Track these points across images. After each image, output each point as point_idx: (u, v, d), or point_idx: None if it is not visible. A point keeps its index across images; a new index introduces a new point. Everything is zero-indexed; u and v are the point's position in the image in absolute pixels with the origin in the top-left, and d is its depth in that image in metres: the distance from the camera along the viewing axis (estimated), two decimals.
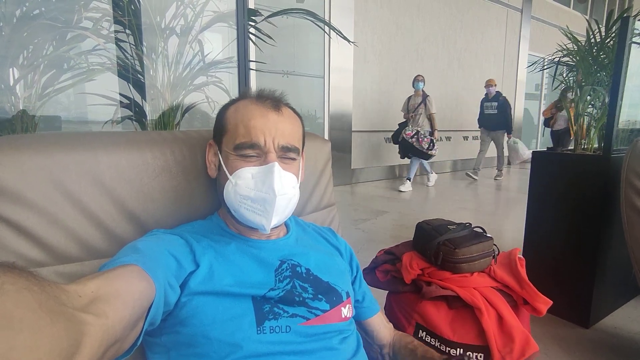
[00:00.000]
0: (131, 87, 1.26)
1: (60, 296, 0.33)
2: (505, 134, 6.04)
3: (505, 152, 6.18)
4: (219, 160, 0.68)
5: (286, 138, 0.66)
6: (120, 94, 1.31)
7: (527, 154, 5.79)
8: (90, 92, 1.44)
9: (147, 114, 1.30)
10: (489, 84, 6.00)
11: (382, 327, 0.82)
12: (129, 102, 1.26)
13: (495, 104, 5.94)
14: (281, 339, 0.59)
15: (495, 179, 6.24)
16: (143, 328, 0.49)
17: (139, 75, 1.26)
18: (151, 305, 0.49)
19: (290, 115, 0.70)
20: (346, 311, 0.68)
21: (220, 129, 0.69)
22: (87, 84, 1.47)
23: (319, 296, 0.65)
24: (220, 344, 0.56)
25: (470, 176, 6.20)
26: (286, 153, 0.66)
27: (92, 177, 0.67)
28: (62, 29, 1.21)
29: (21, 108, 1.16)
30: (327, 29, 1.54)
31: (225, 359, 0.55)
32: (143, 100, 1.27)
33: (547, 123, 5.97)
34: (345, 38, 1.51)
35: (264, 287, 0.61)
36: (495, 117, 5.96)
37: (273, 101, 0.68)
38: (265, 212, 0.63)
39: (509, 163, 6.76)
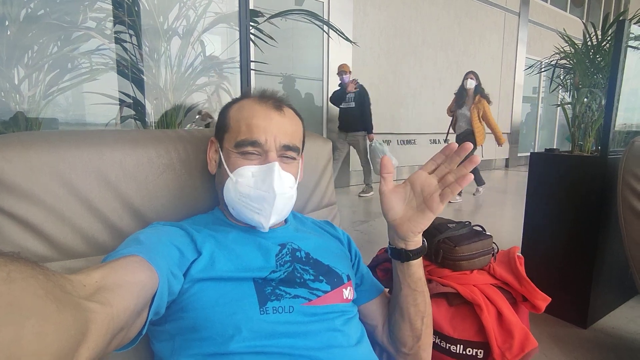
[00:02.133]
0: (133, 87, 1.28)
1: (65, 285, 0.33)
2: (366, 135, 4.60)
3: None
4: (220, 157, 0.69)
5: (287, 137, 0.68)
6: (122, 93, 1.32)
7: (395, 161, 4.57)
8: (92, 92, 1.44)
9: (149, 113, 1.31)
10: (342, 69, 4.51)
11: (380, 310, 0.78)
12: (131, 101, 1.28)
13: (352, 95, 4.52)
14: (285, 319, 0.59)
15: (359, 196, 4.73)
16: (148, 317, 0.49)
17: (141, 75, 1.27)
18: (155, 295, 0.50)
19: (292, 116, 0.71)
20: (347, 293, 0.69)
21: (223, 126, 0.70)
22: (88, 84, 1.48)
23: (320, 277, 0.66)
24: (222, 326, 0.56)
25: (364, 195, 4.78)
26: (286, 152, 0.68)
27: (98, 174, 0.68)
28: (66, 28, 1.22)
29: (25, 107, 1.17)
30: (327, 29, 1.56)
31: (229, 341, 0.55)
32: (145, 100, 1.29)
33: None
34: (345, 37, 1.53)
35: (265, 270, 0.62)
36: (354, 113, 4.53)
37: (275, 101, 0.70)
38: (263, 211, 0.64)
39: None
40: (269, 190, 0.63)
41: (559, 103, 2.41)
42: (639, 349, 1.58)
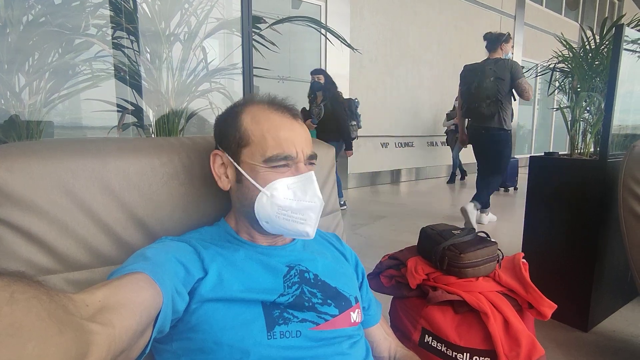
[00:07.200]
0: (135, 94, 1.27)
1: (68, 305, 0.34)
2: None
3: None
4: (238, 172, 0.66)
5: (310, 146, 0.68)
6: (125, 100, 1.31)
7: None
8: (91, 98, 1.43)
9: (151, 120, 1.30)
10: None
11: (382, 338, 0.82)
12: (133, 108, 1.27)
13: None
14: (292, 343, 0.59)
15: None
16: (151, 336, 0.49)
17: (141, 81, 1.26)
18: (159, 313, 0.49)
19: (304, 124, 0.71)
20: (355, 316, 0.69)
21: (237, 139, 0.66)
22: (87, 91, 1.47)
23: (328, 301, 0.66)
24: (231, 350, 0.56)
25: None
26: (311, 161, 0.68)
27: (101, 183, 0.67)
28: (68, 35, 1.21)
29: (26, 115, 1.16)
30: (329, 35, 1.56)
31: None
32: (147, 107, 1.28)
33: None
34: (348, 45, 1.53)
35: (273, 293, 0.62)
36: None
37: (291, 111, 0.69)
38: (309, 220, 0.64)
39: None
40: (313, 200, 0.64)
41: (556, 106, 2.42)
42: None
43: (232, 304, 0.59)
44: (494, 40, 3.21)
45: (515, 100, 3.26)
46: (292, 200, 0.64)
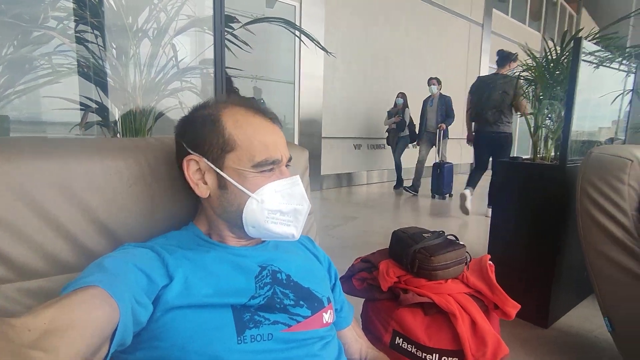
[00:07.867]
0: (99, 91, 1.20)
1: (7, 332, 0.32)
2: None
3: None
4: (221, 178, 0.64)
5: (288, 150, 0.69)
6: (88, 98, 1.24)
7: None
8: (51, 94, 1.35)
9: (116, 118, 1.24)
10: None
11: (353, 340, 0.83)
12: (97, 106, 1.20)
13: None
14: (263, 347, 0.58)
15: None
16: (109, 352, 0.47)
17: (107, 79, 1.20)
18: (117, 328, 0.47)
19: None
20: (327, 317, 0.68)
21: (222, 144, 0.63)
22: (48, 87, 1.38)
23: (300, 302, 0.65)
24: (199, 357, 0.54)
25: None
26: (289, 163, 0.70)
27: (61, 186, 0.63)
28: (25, 27, 1.13)
29: None
30: (303, 38, 1.55)
31: None
32: (113, 105, 1.22)
33: None
34: (322, 48, 1.53)
35: (244, 295, 0.60)
36: None
37: (269, 114, 0.69)
38: (296, 222, 0.66)
39: None
40: (302, 203, 0.66)
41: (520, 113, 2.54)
42: (596, 347, 1.68)
43: (200, 310, 0.57)
44: (504, 58, 3.81)
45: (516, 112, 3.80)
46: (282, 203, 0.65)
